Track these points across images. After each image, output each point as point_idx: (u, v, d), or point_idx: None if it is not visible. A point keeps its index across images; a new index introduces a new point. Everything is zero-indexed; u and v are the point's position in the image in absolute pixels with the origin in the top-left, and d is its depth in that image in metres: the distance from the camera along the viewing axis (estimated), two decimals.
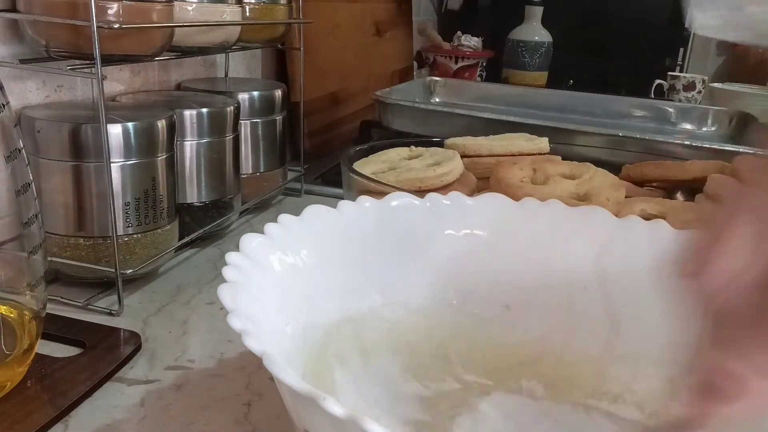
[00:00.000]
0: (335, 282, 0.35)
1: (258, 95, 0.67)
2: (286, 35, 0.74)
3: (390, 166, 0.57)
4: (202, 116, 0.57)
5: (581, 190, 0.52)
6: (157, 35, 0.50)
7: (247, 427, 0.36)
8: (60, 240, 0.47)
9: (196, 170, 0.58)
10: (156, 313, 0.48)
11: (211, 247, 0.60)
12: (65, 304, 0.47)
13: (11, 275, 0.36)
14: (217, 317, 0.47)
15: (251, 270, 0.29)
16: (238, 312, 0.24)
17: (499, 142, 0.62)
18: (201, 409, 0.37)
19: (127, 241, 0.49)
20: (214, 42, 0.60)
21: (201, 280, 0.53)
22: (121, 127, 0.47)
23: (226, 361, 0.42)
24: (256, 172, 0.69)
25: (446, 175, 0.54)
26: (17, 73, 0.51)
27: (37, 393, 0.36)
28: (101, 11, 0.44)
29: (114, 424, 0.35)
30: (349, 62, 1.04)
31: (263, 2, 0.68)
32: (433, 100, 1.19)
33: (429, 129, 0.86)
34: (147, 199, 0.49)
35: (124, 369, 0.40)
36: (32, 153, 0.46)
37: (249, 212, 0.69)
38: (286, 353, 0.29)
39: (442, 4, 1.63)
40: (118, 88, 0.62)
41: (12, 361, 0.35)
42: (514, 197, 0.40)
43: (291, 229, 0.34)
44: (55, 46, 0.47)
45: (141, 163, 0.48)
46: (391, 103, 0.91)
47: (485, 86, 1.28)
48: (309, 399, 0.19)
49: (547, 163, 0.56)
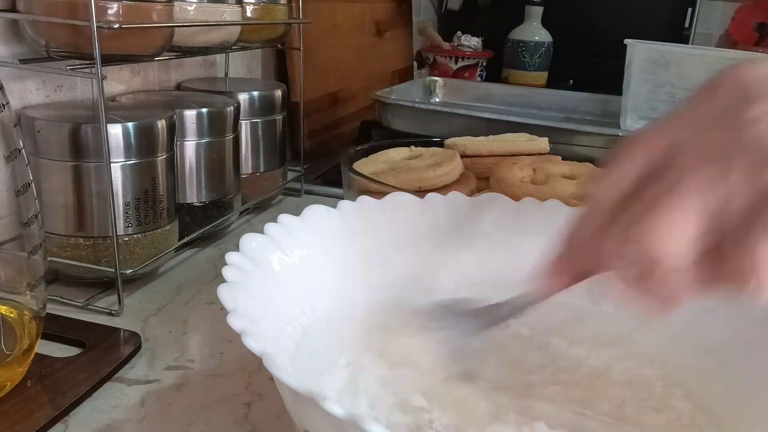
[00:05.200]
0: (335, 282, 0.35)
1: (258, 95, 0.67)
2: (286, 35, 0.74)
3: (390, 166, 0.57)
4: (202, 116, 0.57)
5: (581, 190, 0.52)
6: (157, 35, 0.50)
7: (247, 427, 0.36)
8: (60, 240, 0.47)
9: (196, 170, 0.58)
10: (156, 313, 0.48)
11: (211, 247, 0.60)
12: (65, 304, 0.47)
13: (11, 275, 0.36)
14: (217, 317, 0.47)
15: (251, 270, 0.29)
16: (238, 312, 0.24)
17: (499, 142, 0.62)
18: (201, 409, 0.37)
19: (127, 241, 0.49)
20: (214, 42, 0.60)
21: (201, 280, 0.53)
22: (121, 127, 0.47)
23: (226, 361, 0.42)
24: (256, 172, 0.69)
25: (446, 175, 0.54)
26: (17, 73, 0.51)
27: (37, 393, 0.36)
28: (101, 11, 0.44)
29: (114, 424, 0.35)
30: (349, 62, 1.04)
31: (263, 2, 0.68)
32: (433, 100, 1.19)
33: (429, 129, 0.86)
34: (147, 199, 0.49)
35: (124, 369, 0.40)
36: (32, 153, 0.46)
37: (249, 212, 0.69)
38: (285, 353, 0.29)
39: (442, 4, 1.63)
40: (118, 88, 0.62)
41: (12, 361, 0.35)
42: (514, 197, 0.40)
43: (291, 229, 0.34)
44: (55, 46, 0.47)
45: (141, 163, 0.48)
46: (391, 103, 0.91)
47: (485, 86, 1.28)
48: (309, 399, 0.19)
49: (547, 163, 0.56)
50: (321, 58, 0.93)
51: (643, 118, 1.00)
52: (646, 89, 0.99)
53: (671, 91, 0.98)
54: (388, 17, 1.21)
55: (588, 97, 1.14)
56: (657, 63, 0.97)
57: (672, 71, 0.97)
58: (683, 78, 0.96)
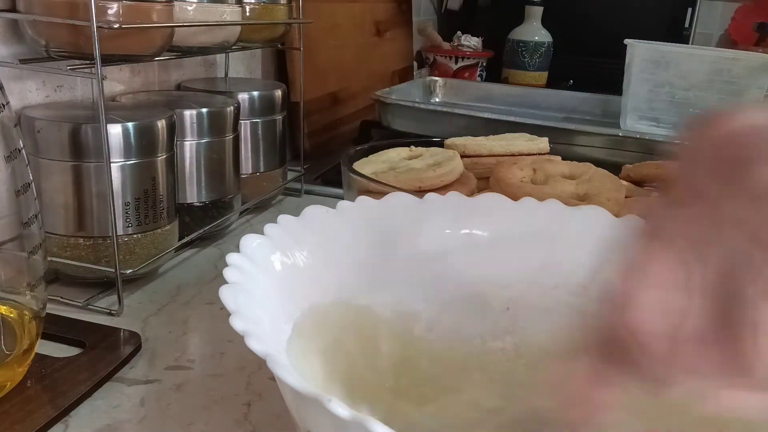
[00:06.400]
0: (335, 282, 0.35)
1: (258, 95, 0.67)
2: (286, 35, 0.74)
3: (390, 166, 0.57)
4: (202, 116, 0.57)
5: (581, 190, 0.52)
6: (157, 35, 0.50)
7: (247, 427, 0.36)
8: (60, 240, 0.47)
9: (196, 170, 0.58)
10: (156, 313, 0.48)
11: (211, 247, 0.60)
12: (65, 304, 0.47)
13: (11, 275, 0.36)
14: (217, 317, 0.47)
15: (252, 271, 0.29)
16: (240, 313, 0.24)
17: (499, 142, 0.62)
18: (201, 409, 0.37)
19: (127, 241, 0.49)
20: (214, 42, 0.60)
21: (201, 280, 0.53)
22: (121, 127, 0.47)
23: (226, 361, 0.42)
24: (256, 172, 0.69)
25: (446, 175, 0.54)
26: (17, 73, 0.50)
27: (37, 393, 0.36)
28: (101, 11, 0.44)
29: (114, 424, 0.35)
30: (349, 62, 1.04)
31: (263, 2, 0.68)
32: (433, 100, 1.19)
33: (429, 129, 0.86)
34: (147, 199, 0.49)
35: (124, 369, 0.40)
36: (32, 153, 0.46)
37: (249, 212, 0.69)
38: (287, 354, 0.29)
39: (442, 4, 1.63)
40: (118, 88, 0.62)
41: (12, 361, 0.35)
42: (514, 197, 0.40)
43: (290, 230, 0.34)
44: (55, 46, 0.47)
45: (141, 163, 0.48)
46: (391, 103, 0.91)
47: (485, 86, 1.28)
48: (313, 400, 0.19)
49: (547, 163, 0.56)
50: (321, 58, 0.93)
51: (643, 118, 1.00)
52: (646, 89, 0.99)
53: (671, 91, 0.98)
54: (388, 17, 1.21)
55: (588, 97, 1.14)
56: (657, 63, 0.98)
57: (672, 71, 0.97)
58: (683, 78, 0.97)
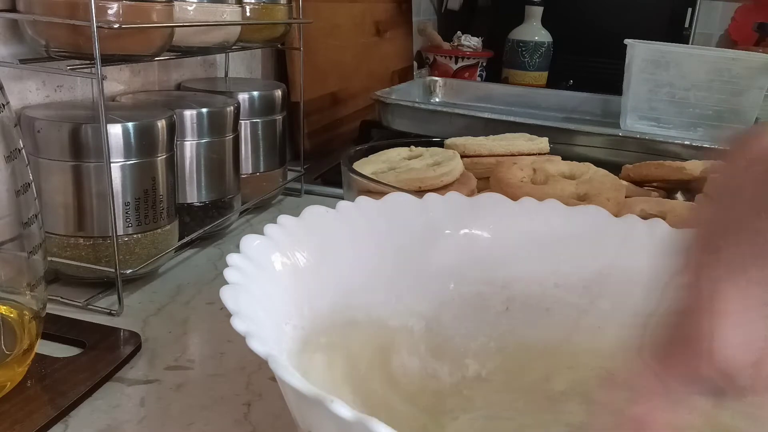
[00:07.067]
0: (335, 282, 0.35)
1: (258, 95, 0.67)
2: (286, 35, 0.74)
3: (390, 166, 0.57)
4: (202, 116, 0.57)
5: (581, 190, 0.52)
6: (157, 35, 0.50)
7: (247, 427, 0.36)
8: (60, 240, 0.47)
9: (196, 170, 0.58)
10: (156, 313, 0.48)
11: (211, 247, 0.60)
12: (65, 304, 0.47)
13: (11, 275, 0.36)
14: (217, 317, 0.47)
15: (252, 271, 0.29)
16: (241, 314, 0.24)
17: (499, 142, 0.62)
18: (201, 409, 0.37)
19: (127, 241, 0.49)
20: (214, 42, 0.60)
21: (201, 280, 0.53)
22: (121, 127, 0.47)
23: (226, 361, 0.42)
24: (256, 172, 0.69)
25: (446, 175, 0.54)
26: (17, 73, 0.50)
27: (37, 393, 0.36)
28: (101, 11, 0.44)
29: (114, 424, 0.35)
30: (349, 62, 1.04)
31: (263, 2, 0.68)
32: (433, 100, 1.19)
33: (429, 129, 0.86)
34: (147, 199, 0.49)
35: (124, 369, 0.40)
36: (32, 153, 0.46)
37: (249, 212, 0.69)
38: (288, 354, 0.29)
39: (442, 4, 1.63)
40: (118, 88, 0.62)
41: (12, 361, 0.35)
42: (514, 197, 0.40)
43: (290, 230, 0.34)
44: (55, 46, 0.47)
45: (141, 163, 0.48)
46: (391, 103, 0.91)
47: (485, 86, 1.28)
48: (316, 401, 0.19)
49: (547, 163, 0.56)
50: (321, 58, 0.93)
51: (643, 118, 1.00)
52: (646, 89, 0.99)
53: (671, 91, 0.98)
54: (388, 17, 1.21)
55: (588, 97, 1.14)
56: (657, 63, 0.98)
57: (672, 71, 0.97)
58: (683, 78, 0.97)
